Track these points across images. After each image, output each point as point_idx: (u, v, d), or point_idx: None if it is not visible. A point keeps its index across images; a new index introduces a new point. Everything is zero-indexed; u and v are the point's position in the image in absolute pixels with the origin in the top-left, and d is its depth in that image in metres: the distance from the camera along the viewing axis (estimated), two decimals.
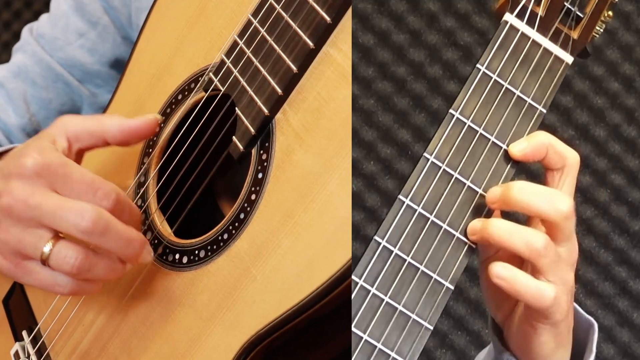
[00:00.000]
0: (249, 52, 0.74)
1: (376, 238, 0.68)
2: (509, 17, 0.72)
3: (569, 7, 0.73)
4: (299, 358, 0.73)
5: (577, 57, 0.74)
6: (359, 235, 1.47)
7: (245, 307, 0.70)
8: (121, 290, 0.79)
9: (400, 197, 0.69)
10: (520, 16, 0.72)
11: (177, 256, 0.76)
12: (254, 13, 0.74)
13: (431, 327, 0.68)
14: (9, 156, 0.78)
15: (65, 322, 0.82)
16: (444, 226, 0.69)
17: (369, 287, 0.67)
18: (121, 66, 1.02)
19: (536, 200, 0.68)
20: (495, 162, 0.70)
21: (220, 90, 0.76)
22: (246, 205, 0.72)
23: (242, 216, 0.72)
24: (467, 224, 0.69)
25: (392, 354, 0.67)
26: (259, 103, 0.73)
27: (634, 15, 1.53)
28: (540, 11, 0.72)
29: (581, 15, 0.73)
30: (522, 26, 0.72)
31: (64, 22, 1.04)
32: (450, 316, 1.48)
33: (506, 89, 0.71)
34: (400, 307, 0.68)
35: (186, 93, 0.80)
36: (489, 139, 0.70)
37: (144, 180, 0.81)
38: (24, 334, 0.86)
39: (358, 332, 0.67)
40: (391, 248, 0.68)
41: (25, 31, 1.08)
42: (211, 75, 0.77)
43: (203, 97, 0.78)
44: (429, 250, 0.69)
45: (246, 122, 0.73)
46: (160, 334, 0.76)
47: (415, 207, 0.69)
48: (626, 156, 1.53)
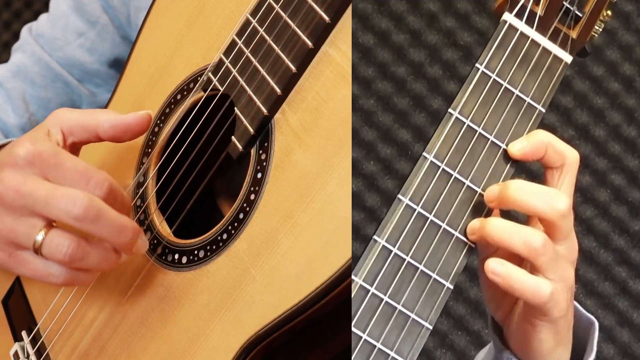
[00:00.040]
0: (247, 52, 0.74)
1: (375, 237, 0.68)
2: (508, 17, 0.72)
3: (568, 6, 0.73)
4: (298, 358, 0.73)
5: (576, 56, 0.74)
6: (359, 235, 1.47)
7: (245, 307, 0.70)
8: (120, 290, 0.79)
9: (400, 196, 0.69)
10: (519, 15, 0.72)
11: (177, 256, 0.76)
12: (253, 13, 0.74)
13: (431, 327, 0.68)
14: (4, 149, 0.78)
15: (65, 322, 0.82)
16: (443, 225, 0.69)
17: (368, 287, 0.67)
18: (120, 66, 1.02)
19: (533, 199, 0.67)
20: (495, 162, 0.70)
21: (219, 90, 0.76)
22: (245, 205, 0.72)
23: (241, 216, 0.72)
24: (466, 223, 0.69)
25: (392, 353, 0.67)
26: (257, 103, 0.73)
27: (634, 15, 1.53)
28: (539, 10, 0.72)
29: (580, 15, 0.73)
30: (521, 25, 0.72)
31: (64, 22, 1.04)
32: (450, 316, 1.48)
33: (505, 88, 0.71)
34: (399, 307, 0.68)
35: (185, 93, 0.80)
36: (488, 139, 0.70)
37: (143, 180, 0.81)
38: (24, 334, 0.86)
39: (357, 331, 0.67)
40: (390, 247, 0.68)
41: (25, 31, 1.08)
42: (210, 75, 0.77)
43: (202, 97, 0.78)
44: (428, 250, 0.68)
45: (245, 122, 0.73)
46: (159, 334, 0.76)
47: (415, 206, 0.69)
48: (626, 156, 1.53)
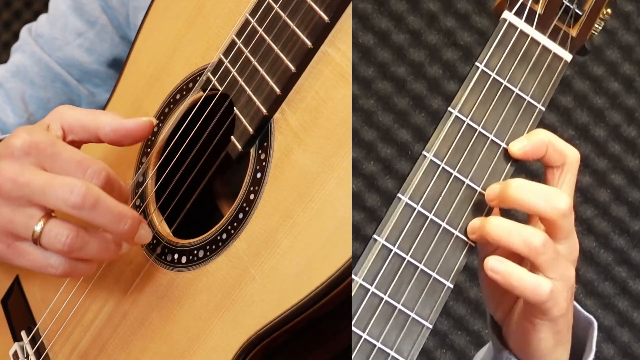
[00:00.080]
0: (247, 52, 0.74)
1: (375, 237, 0.68)
2: (508, 15, 0.72)
3: (568, 4, 0.72)
4: (298, 358, 0.73)
5: (576, 54, 0.73)
6: (359, 235, 1.47)
7: (245, 307, 0.70)
8: (120, 289, 0.79)
9: (399, 195, 0.69)
10: (519, 14, 0.72)
11: (176, 256, 0.76)
12: (252, 12, 0.74)
13: (431, 326, 0.68)
14: (1, 142, 0.78)
15: (64, 322, 0.82)
16: (443, 224, 0.69)
17: (368, 286, 0.67)
18: (119, 66, 1.02)
19: (534, 197, 0.67)
20: (495, 161, 0.70)
21: (218, 89, 0.76)
22: (245, 205, 0.72)
23: (240, 216, 0.72)
24: (466, 222, 0.69)
25: (392, 352, 0.67)
26: (257, 103, 0.72)
27: (634, 15, 1.53)
28: (539, 9, 0.72)
29: (580, 13, 0.73)
30: (520, 24, 0.72)
31: (63, 22, 1.04)
32: (450, 316, 1.48)
33: (505, 86, 0.71)
34: (399, 306, 0.68)
35: (184, 93, 0.80)
36: (488, 137, 0.70)
37: (142, 179, 0.81)
38: (23, 334, 0.86)
39: (357, 331, 0.67)
40: (390, 247, 0.68)
41: (24, 31, 1.08)
42: (209, 74, 0.77)
43: (201, 97, 0.78)
44: (428, 249, 0.68)
45: (244, 121, 0.73)
46: (159, 334, 0.76)
47: (415, 205, 0.69)
48: (626, 156, 1.53)
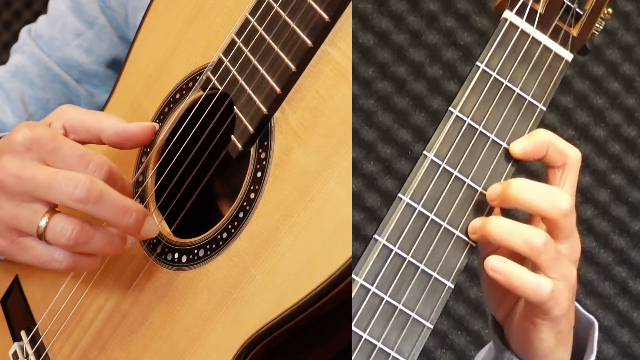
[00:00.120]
0: (247, 51, 0.74)
1: (376, 237, 0.68)
2: (509, 15, 0.72)
3: (569, 4, 0.72)
4: (298, 357, 0.73)
5: (577, 54, 0.73)
6: (359, 235, 1.47)
7: (245, 306, 0.70)
8: (120, 289, 0.79)
9: (400, 195, 0.69)
10: (519, 13, 0.72)
11: (176, 255, 0.76)
12: (252, 11, 0.74)
13: (431, 326, 0.68)
14: (2, 138, 0.78)
15: (64, 321, 0.82)
16: (444, 224, 0.69)
17: (368, 286, 0.67)
18: (118, 66, 1.02)
19: (536, 197, 0.67)
20: (495, 160, 0.70)
21: (218, 89, 0.76)
22: (245, 204, 0.72)
23: (241, 215, 0.72)
24: (467, 222, 0.69)
25: (392, 352, 0.67)
26: (257, 102, 0.72)
27: (634, 15, 1.53)
28: (540, 8, 0.72)
29: (581, 13, 0.73)
30: (521, 23, 0.72)
31: (62, 23, 1.04)
32: (450, 316, 1.48)
33: (506, 86, 0.71)
34: (400, 306, 0.67)
35: (184, 92, 0.80)
36: (489, 137, 0.70)
37: (142, 179, 0.81)
38: (23, 334, 0.86)
39: (358, 331, 0.67)
40: (391, 247, 0.68)
41: (24, 32, 1.08)
42: (209, 74, 0.77)
43: (201, 96, 0.78)
44: (429, 249, 0.68)
45: (245, 121, 0.73)
46: (159, 334, 0.76)
47: (415, 205, 0.68)
48: (626, 156, 1.53)
